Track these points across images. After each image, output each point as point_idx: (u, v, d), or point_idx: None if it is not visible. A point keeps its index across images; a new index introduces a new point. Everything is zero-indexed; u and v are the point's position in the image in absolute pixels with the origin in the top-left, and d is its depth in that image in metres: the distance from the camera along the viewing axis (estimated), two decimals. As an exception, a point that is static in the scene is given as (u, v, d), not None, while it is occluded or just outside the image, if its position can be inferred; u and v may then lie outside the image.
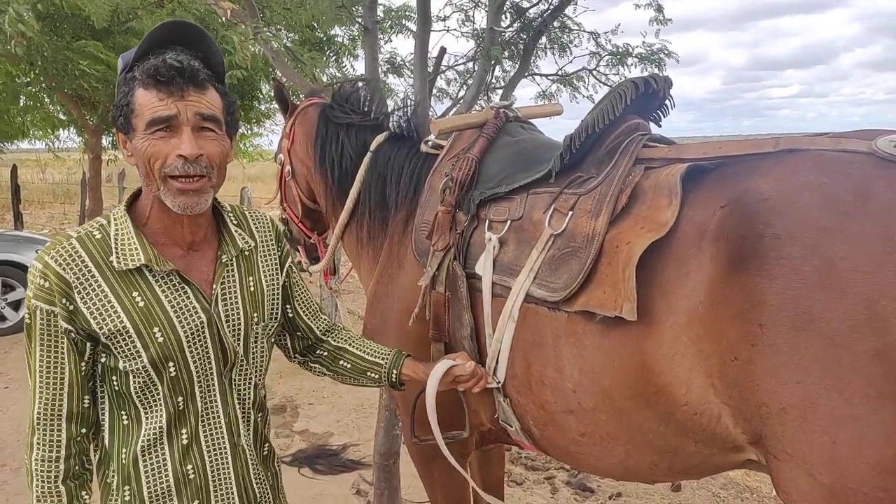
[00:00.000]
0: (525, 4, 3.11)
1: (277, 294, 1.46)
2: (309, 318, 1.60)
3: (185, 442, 1.29)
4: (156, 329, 1.24)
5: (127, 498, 1.28)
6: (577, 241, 1.53)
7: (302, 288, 1.59)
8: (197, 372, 1.29)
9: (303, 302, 1.59)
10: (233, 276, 1.36)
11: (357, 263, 2.36)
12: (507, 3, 2.95)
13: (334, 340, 1.64)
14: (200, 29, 1.30)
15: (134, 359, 1.23)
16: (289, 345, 1.61)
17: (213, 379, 1.32)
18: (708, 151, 1.46)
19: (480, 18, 3.39)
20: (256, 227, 1.46)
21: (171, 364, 1.25)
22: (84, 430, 1.28)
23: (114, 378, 1.26)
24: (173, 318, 1.25)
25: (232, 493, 1.34)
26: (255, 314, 1.38)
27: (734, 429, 1.33)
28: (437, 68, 3.39)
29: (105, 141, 7.15)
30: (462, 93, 3.64)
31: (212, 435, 1.32)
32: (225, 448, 1.34)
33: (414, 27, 3.63)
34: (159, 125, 1.19)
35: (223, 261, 1.34)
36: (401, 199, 2.11)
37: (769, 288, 1.23)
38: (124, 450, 1.28)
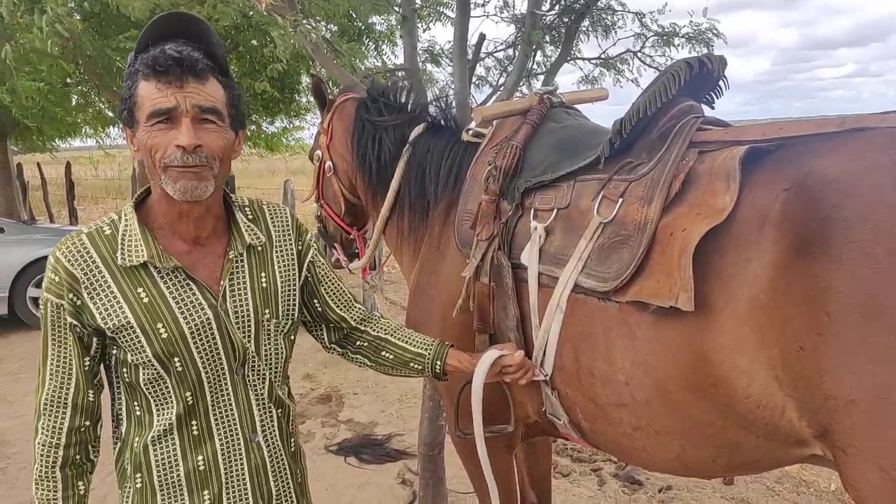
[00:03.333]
0: (567, -14, 3.04)
1: (294, 290, 1.43)
2: (341, 310, 1.57)
3: (195, 434, 1.31)
4: (159, 325, 1.24)
5: (139, 485, 1.31)
6: (628, 229, 1.48)
7: (330, 280, 1.55)
8: (205, 367, 1.29)
9: (333, 294, 1.55)
10: (242, 271, 1.34)
11: (399, 256, 2.35)
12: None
13: (373, 330, 1.61)
14: (201, 20, 1.29)
15: (140, 353, 1.25)
16: (324, 336, 1.60)
17: (223, 374, 1.31)
18: (768, 133, 1.39)
19: (520, 3, 3.32)
20: (273, 222, 1.44)
21: (176, 359, 1.26)
22: (87, 423, 1.30)
23: (124, 370, 1.29)
24: (177, 314, 1.25)
25: (245, 488, 1.34)
26: (267, 311, 1.36)
27: (798, 422, 1.27)
28: (476, 55, 3.34)
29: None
30: (502, 80, 3.57)
31: (225, 429, 1.33)
32: (238, 442, 1.34)
33: (452, 14, 3.58)
34: (159, 117, 1.19)
35: (230, 256, 1.32)
36: (441, 189, 2.08)
37: (837, 273, 1.16)
38: (137, 439, 1.31)
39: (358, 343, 1.61)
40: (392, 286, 8.40)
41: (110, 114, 7.93)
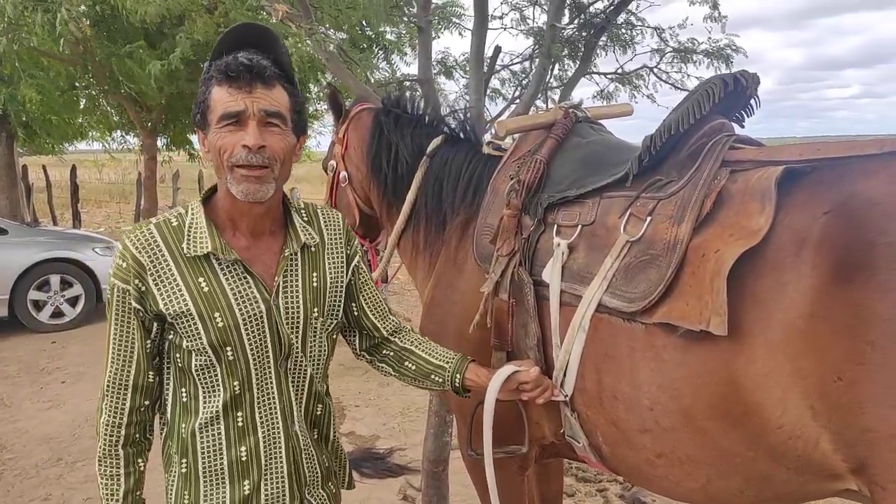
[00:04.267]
0: (586, 0, 3.01)
1: (341, 292, 1.49)
2: (376, 318, 1.61)
3: (240, 425, 1.36)
4: (216, 314, 1.31)
5: (184, 470, 1.37)
6: (657, 249, 1.43)
7: (370, 287, 1.61)
8: (254, 358, 1.35)
9: (370, 301, 1.60)
10: (296, 269, 1.41)
11: (413, 269, 2.30)
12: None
13: (401, 341, 1.64)
14: (271, 31, 1.39)
15: (196, 339, 1.31)
16: (356, 342, 1.64)
17: (269, 366, 1.37)
18: (805, 153, 1.35)
19: (537, 16, 3.30)
20: (326, 225, 1.51)
21: (228, 348, 1.32)
22: (147, 403, 1.37)
23: (177, 355, 1.34)
24: (234, 305, 1.32)
25: (282, 478, 1.40)
26: (316, 309, 1.42)
27: (833, 455, 1.22)
28: (491, 68, 3.32)
29: (160, 142, 7.31)
30: (516, 93, 3.55)
31: (267, 421, 1.38)
32: (279, 433, 1.39)
33: (468, 25, 3.56)
34: (228, 119, 1.27)
35: (286, 254, 1.39)
36: (459, 202, 2.04)
37: (881, 301, 1.11)
38: (183, 424, 1.37)
39: (384, 352, 1.65)
40: (395, 297, 8.36)
41: (116, 118, 7.93)
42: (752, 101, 1.61)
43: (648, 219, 1.47)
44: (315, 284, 1.43)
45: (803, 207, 1.27)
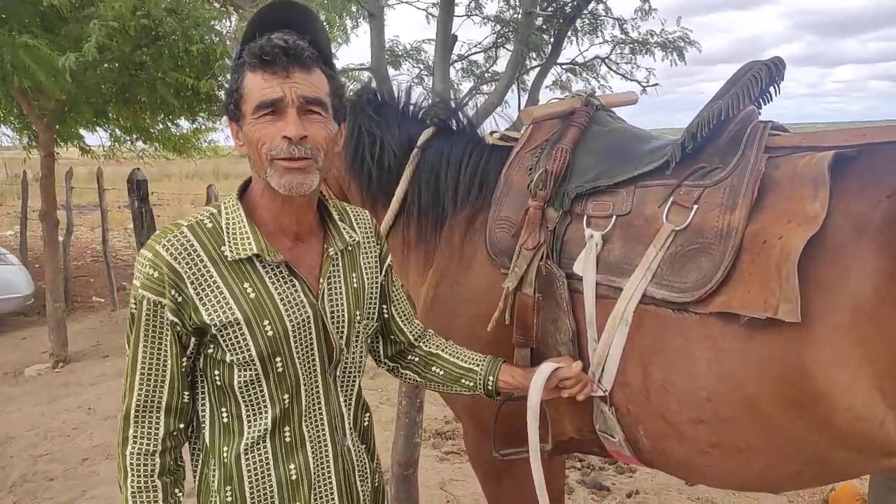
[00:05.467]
0: (559, -11, 3.00)
1: (376, 293, 1.42)
2: (404, 323, 1.54)
3: (287, 440, 1.26)
4: (266, 322, 1.20)
5: (229, 499, 1.24)
6: (708, 237, 1.42)
7: (399, 290, 1.54)
8: (302, 369, 1.26)
9: (399, 304, 1.53)
10: (338, 271, 1.32)
11: (404, 267, 2.18)
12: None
13: (426, 346, 1.57)
14: (307, 9, 1.26)
15: (242, 352, 1.20)
16: (380, 349, 1.55)
17: (316, 376, 1.28)
18: (849, 139, 1.37)
19: (497, 6, 3.25)
20: (358, 223, 1.41)
21: (278, 359, 1.22)
22: (182, 426, 1.24)
23: (216, 372, 1.22)
24: (282, 311, 1.22)
25: (332, 494, 1.30)
26: (358, 312, 1.34)
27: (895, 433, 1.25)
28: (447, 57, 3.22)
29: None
30: (469, 84, 3.49)
31: (315, 433, 1.28)
32: (327, 447, 1.30)
33: (418, 7, 3.45)
34: (265, 109, 1.16)
35: (330, 254, 1.30)
36: (463, 196, 1.95)
37: None
38: (225, 448, 1.25)
39: (409, 357, 1.57)
40: None
41: (3, 111, 7.12)
42: (773, 89, 1.62)
43: (695, 207, 1.45)
44: (355, 286, 1.34)
45: (859, 192, 1.29)
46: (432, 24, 3.04)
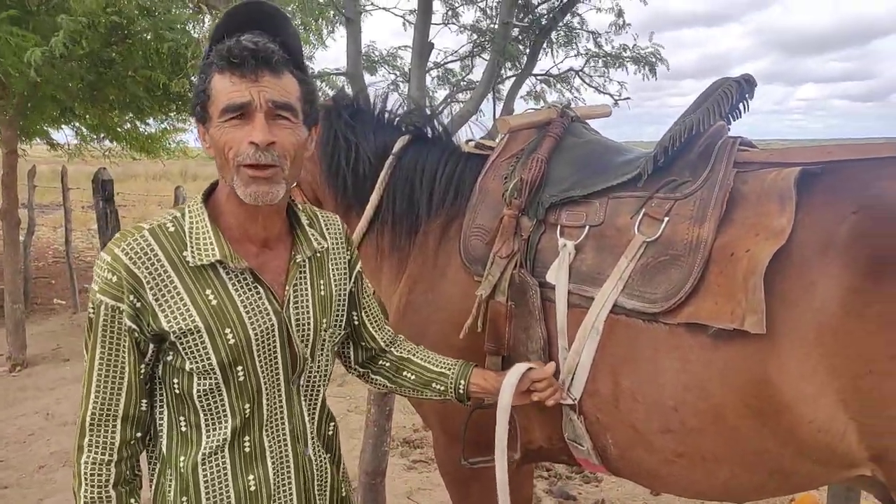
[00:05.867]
0: (535, 1, 3.02)
1: (345, 300, 1.40)
2: (374, 329, 1.53)
3: (247, 451, 1.22)
4: (227, 330, 1.17)
5: None
6: (678, 249, 1.44)
7: (370, 296, 1.53)
8: (264, 378, 1.22)
9: (370, 311, 1.52)
10: (305, 278, 1.29)
11: (377, 275, 2.17)
12: (520, -1, 2.85)
13: (397, 351, 1.56)
14: (279, 10, 1.23)
15: (202, 360, 1.16)
16: (351, 355, 1.54)
17: (279, 385, 1.25)
18: (816, 156, 1.41)
19: (473, 15, 3.27)
20: (328, 228, 1.40)
21: (239, 367, 1.19)
22: (139, 434, 1.21)
23: (175, 380, 1.19)
24: (245, 319, 1.19)
25: None
26: (325, 320, 1.32)
27: (857, 445, 1.28)
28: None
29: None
30: (444, 92, 3.50)
31: (276, 444, 1.25)
32: (288, 458, 1.27)
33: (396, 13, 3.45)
34: (233, 112, 1.12)
35: (297, 261, 1.27)
36: (438, 203, 1.95)
37: None
38: (182, 458, 1.21)
39: (380, 363, 1.56)
40: None
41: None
42: (741, 105, 1.66)
43: (666, 219, 1.47)
44: (322, 293, 1.32)
45: (825, 208, 1.33)
46: (409, 31, 3.05)
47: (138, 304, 1.14)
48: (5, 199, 5.65)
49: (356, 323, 1.48)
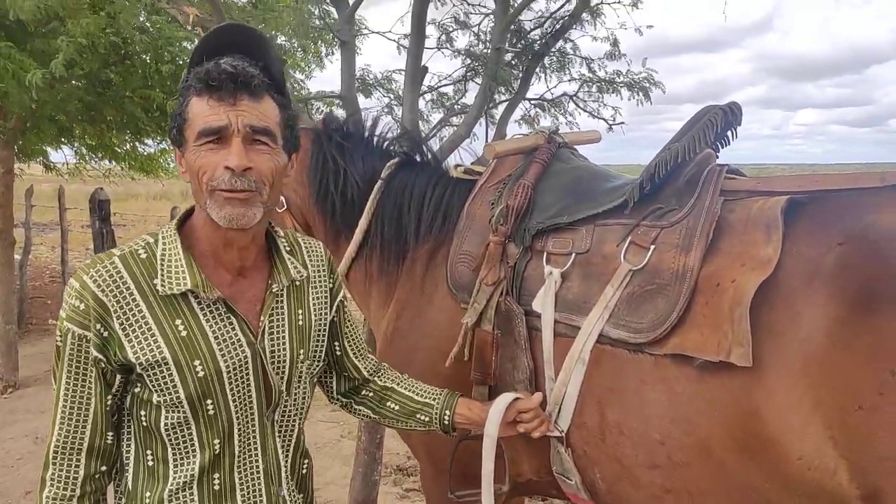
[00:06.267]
0: (528, 26, 3.03)
1: (324, 330, 1.35)
2: (357, 358, 1.48)
3: (216, 488, 1.18)
4: (197, 362, 1.13)
5: None
6: (664, 278, 1.41)
7: (353, 325, 1.48)
8: (236, 412, 1.18)
9: (352, 340, 1.47)
10: (282, 307, 1.25)
11: (365, 300, 2.15)
12: (512, 24, 2.85)
13: (381, 380, 1.52)
14: (260, 34, 1.22)
15: (170, 393, 1.12)
16: (333, 385, 1.50)
17: (253, 420, 1.21)
18: (803, 185, 1.39)
19: (467, 39, 3.29)
20: (310, 256, 1.35)
21: (209, 401, 1.15)
22: (104, 468, 1.17)
23: (142, 413, 1.15)
24: (216, 352, 1.15)
25: None
26: (302, 351, 1.27)
27: (848, 484, 1.24)
28: (418, 88, 3.23)
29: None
30: (439, 115, 3.50)
31: (247, 482, 1.20)
32: (260, 497, 1.22)
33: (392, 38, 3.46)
34: (209, 136, 1.10)
35: (273, 290, 1.23)
36: (426, 228, 1.93)
37: None
38: (148, 493, 1.17)
39: (363, 393, 1.51)
40: None
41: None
42: (729, 133, 1.65)
43: (652, 247, 1.45)
44: (301, 323, 1.28)
45: (811, 238, 1.30)
46: (404, 55, 3.06)
47: (105, 333, 1.11)
48: (0, 220, 5.64)
49: (338, 353, 1.44)
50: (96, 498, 1.17)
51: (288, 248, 1.30)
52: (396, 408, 1.49)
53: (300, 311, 1.28)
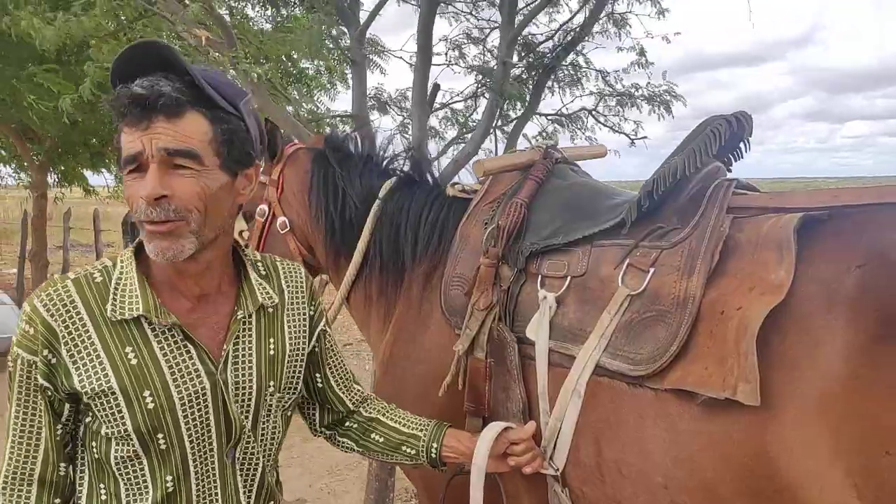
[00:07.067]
0: (537, 39, 2.94)
1: (300, 361, 1.26)
2: (341, 390, 1.40)
3: None
4: (146, 393, 1.05)
5: None
6: (664, 304, 1.29)
7: (335, 354, 1.39)
8: (192, 446, 1.10)
9: (336, 370, 1.39)
10: (249, 335, 1.17)
11: (365, 324, 2.07)
12: (519, 37, 2.77)
13: (366, 412, 1.43)
14: (171, 49, 1.08)
15: (117, 424, 1.05)
16: (316, 417, 1.41)
17: (212, 457, 1.12)
18: (822, 200, 1.25)
19: (477, 55, 3.22)
20: (287, 281, 1.27)
21: (160, 435, 1.07)
22: (57, 501, 1.10)
23: (94, 444, 1.09)
24: (169, 382, 1.07)
25: None
26: (272, 382, 1.19)
27: None
28: (430, 106, 3.17)
29: (51, 178, 6.63)
30: (456, 133, 3.42)
31: None
32: None
33: (400, 58, 3.42)
34: (130, 165, 1.03)
35: (238, 317, 1.15)
36: (422, 250, 1.84)
37: None
38: None
39: (347, 424, 1.42)
40: (350, 348, 7.91)
41: (2, 151, 7.17)
42: (742, 144, 1.52)
43: (651, 270, 1.33)
44: (272, 352, 1.19)
45: (828, 258, 1.17)
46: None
47: (53, 360, 1.05)
48: (35, 242, 5.77)
49: (320, 385, 1.36)
50: None
51: (263, 273, 1.23)
52: (381, 440, 1.40)
53: (271, 340, 1.19)
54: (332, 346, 1.37)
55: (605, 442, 1.34)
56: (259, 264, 1.24)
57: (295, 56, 4.62)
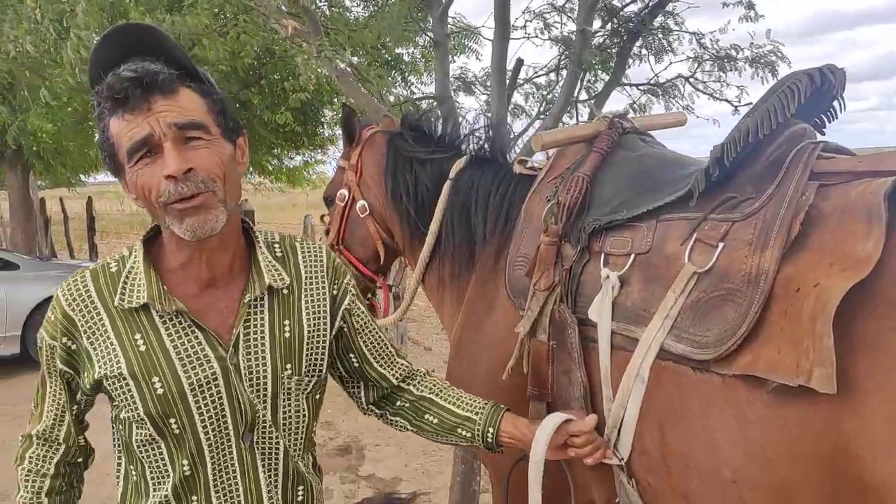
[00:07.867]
0: (618, 3, 2.78)
1: (323, 342, 1.23)
2: (382, 366, 1.36)
3: None
4: (155, 378, 1.08)
5: None
6: (734, 282, 1.17)
7: (370, 331, 1.34)
8: (206, 433, 1.11)
9: (373, 347, 1.35)
10: (261, 318, 1.16)
11: (440, 306, 2.06)
12: (600, 1, 2.62)
13: (416, 389, 1.39)
14: (148, 27, 1.11)
15: (132, 409, 1.10)
16: (361, 395, 1.39)
17: (228, 442, 1.13)
18: (920, 160, 1.08)
19: (563, 24, 3.08)
20: (305, 262, 1.24)
21: (172, 420, 1.09)
22: (80, 460, 1.23)
23: (121, 427, 1.15)
24: (177, 367, 1.09)
25: None
26: (289, 365, 1.17)
27: None
28: (513, 81, 3.09)
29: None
30: (541, 108, 3.31)
31: None
32: None
33: (483, 36, 3.35)
34: (138, 151, 1.03)
35: (246, 300, 1.14)
36: (489, 229, 1.80)
37: None
38: None
39: (398, 403, 1.39)
40: (413, 324, 8.08)
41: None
42: (836, 103, 1.35)
43: (721, 245, 1.21)
44: (287, 335, 1.17)
45: None
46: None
47: (73, 347, 1.12)
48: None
49: (356, 364, 1.33)
50: (71, 478, 1.21)
51: (279, 254, 1.22)
52: (436, 421, 1.36)
53: (286, 322, 1.17)
54: (364, 324, 1.32)
55: (670, 431, 1.25)
56: (276, 246, 1.23)
57: (389, 43, 4.69)
